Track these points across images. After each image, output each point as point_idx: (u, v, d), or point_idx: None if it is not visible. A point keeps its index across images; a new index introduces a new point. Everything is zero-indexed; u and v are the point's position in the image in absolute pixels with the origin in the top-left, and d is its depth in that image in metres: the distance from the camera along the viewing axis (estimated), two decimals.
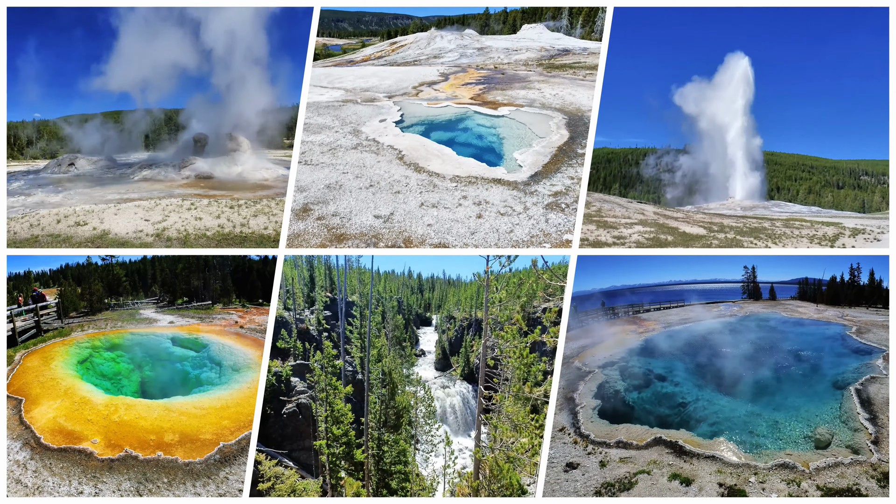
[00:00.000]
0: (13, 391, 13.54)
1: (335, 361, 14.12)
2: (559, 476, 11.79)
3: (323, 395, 13.87)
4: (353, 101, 25.91)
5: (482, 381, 14.17)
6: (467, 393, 33.79)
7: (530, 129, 21.13)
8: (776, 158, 45.54)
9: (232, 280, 28.25)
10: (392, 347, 24.34)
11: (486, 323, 13.97)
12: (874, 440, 11.61)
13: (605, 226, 17.15)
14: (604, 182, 43.46)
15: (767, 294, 32.40)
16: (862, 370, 15.46)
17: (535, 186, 15.65)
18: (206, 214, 16.84)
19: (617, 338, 23.33)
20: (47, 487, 10.06)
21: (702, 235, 17.09)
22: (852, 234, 17.04)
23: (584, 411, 14.77)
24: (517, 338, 13.18)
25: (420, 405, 18.88)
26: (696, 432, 12.86)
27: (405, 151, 18.40)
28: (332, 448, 13.75)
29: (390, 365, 15.74)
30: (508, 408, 13.16)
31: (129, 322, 21.95)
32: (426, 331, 51.66)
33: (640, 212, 19.55)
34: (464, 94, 27.67)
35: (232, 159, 25.55)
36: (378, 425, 15.49)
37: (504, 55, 47.79)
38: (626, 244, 16.02)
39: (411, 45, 56.66)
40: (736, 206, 30.75)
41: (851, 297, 27.15)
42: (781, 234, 17.28)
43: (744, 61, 34.34)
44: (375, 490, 15.02)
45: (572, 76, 33.34)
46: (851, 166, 43.56)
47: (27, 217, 16.66)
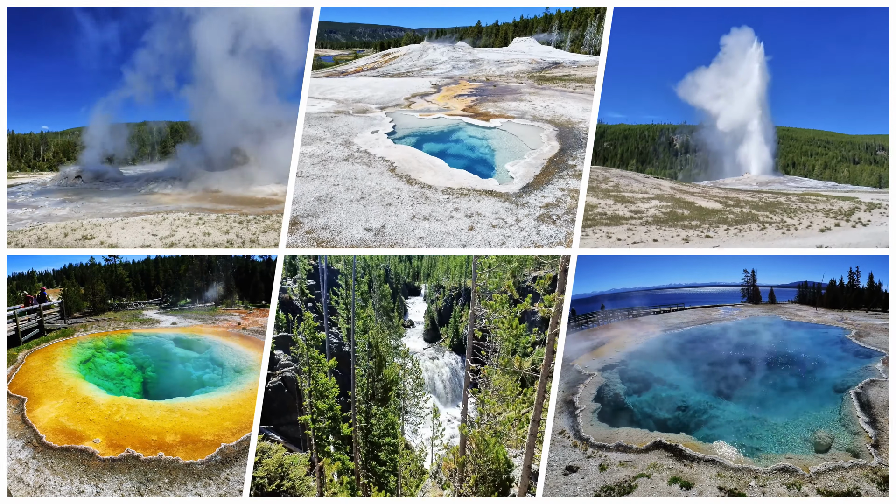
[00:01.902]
0: (16, 390, 13.47)
1: (317, 334, 13.62)
2: (559, 479, 11.67)
3: (306, 369, 13.41)
4: (345, 113, 25.70)
5: (469, 353, 13.94)
6: (456, 364, 33.66)
7: (522, 141, 20.98)
8: (791, 134, 44.69)
9: (235, 281, 28.17)
10: (379, 318, 23.36)
11: (475, 291, 13.73)
12: (874, 443, 11.54)
13: (622, 200, 17.14)
14: (621, 158, 43.02)
15: (767, 298, 32.25)
16: (862, 373, 15.38)
17: (527, 198, 15.53)
18: (214, 230, 16.71)
19: (617, 341, 23.19)
20: (49, 486, 9.98)
21: (717, 210, 17.12)
22: (868, 209, 16.87)
23: (583, 414, 14.67)
24: (506, 307, 13.01)
25: (408, 377, 18.52)
26: (695, 436, 12.75)
27: (397, 163, 18.21)
28: (318, 423, 13.37)
29: (377, 337, 15.15)
30: (496, 381, 13.04)
31: (132, 323, 21.87)
32: (415, 300, 50.81)
33: (657, 187, 19.57)
34: (456, 106, 27.58)
35: (240, 173, 25.20)
36: (365, 399, 15.07)
37: (496, 67, 47.79)
38: (643, 218, 16.00)
39: (404, 57, 56.63)
40: (752, 182, 30.41)
41: (851, 300, 26.99)
42: (797, 208, 17.25)
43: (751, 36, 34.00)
44: (364, 462, 14.83)
45: (562, 88, 33.36)
46: (868, 141, 42.00)
47: (34, 229, 16.64)
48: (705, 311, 31.09)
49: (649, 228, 17.13)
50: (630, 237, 16.49)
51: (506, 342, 13.07)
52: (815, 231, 17.32)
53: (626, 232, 16.84)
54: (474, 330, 13.76)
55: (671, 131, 43.43)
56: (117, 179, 26.34)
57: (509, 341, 12.87)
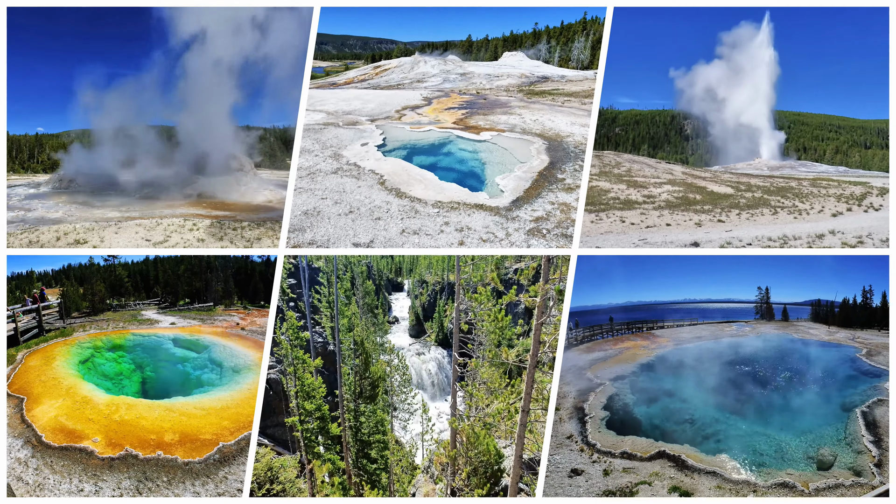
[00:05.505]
0: (15, 390, 13.24)
1: (301, 333, 13.19)
2: (563, 480, 11.74)
3: (291, 370, 13.02)
4: (334, 125, 24.93)
5: (456, 347, 13.76)
6: (443, 358, 33.32)
7: (512, 154, 20.58)
8: (802, 118, 43.92)
9: (234, 282, 27.94)
10: (363, 315, 22.59)
11: (459, 284, 13.51)
12: (877, 463, 11.31)
13: (635, 185, 16.97)
14: (633, 143, 42.74)
15: (780, 315, 31.71)
16: (869, 392, 15.05)
17: (517, 212, 15.15)
18: (208, 236, 16.41)
19: (630, 353, 22.93)
20: (48, 485, 9.80)
21: (729, 195, 16.93)
22: (880, 193, 16.65)
23: (592, 421, 14.65)
24: (491, 300, 12.90)
25: (395, 374, 18.21)
26: (700, 448, 12.64)
27: (387, 176, 17.68)
28: (307, 424, 13.04)
29: (362, 334, 14.77)
30: (484, 374, 12.96)
31: (131, 323, 21.59)
32: (398, 296, 50.14)
33: (669, 172, 19.45)
34: (446, 119, 27.11)
35: (235, 179, 24.72)
36: (353, 397, 14.76)
37: (486, 81, 47.49)
38: (655, 203, 15.79)
39: (395, 69, 56.10)
40: (763, 166, 29.83)
41: (863, 319, 26.34)
42: (808, 193, 17.07)
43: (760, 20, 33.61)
44: (355, 461, 14.63)
45: (551, 102, 33.18)
46: (880, 126, 40.49)
47: (26, 233, 16.26)
48: (718, 326, 30.45)
49: (662, 213, 16.83)
50: (643, 221, 16.14)
51: (491, 334, 12.99)
52: (827, 215, 16.87)
53: (639, 216, 16.51)
54: (460, 323, 13.66)
55: (682, 117, 42.81)
56: (112, 183, 25.75)
57: (495, 333, 12.79)
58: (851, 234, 15.08)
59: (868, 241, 14.36)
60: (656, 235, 15.46)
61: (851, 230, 15.27)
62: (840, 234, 15.07)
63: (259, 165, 27.65)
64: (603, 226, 15.85)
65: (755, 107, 35.03)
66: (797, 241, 14.58)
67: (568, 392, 17.06)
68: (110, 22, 26.35)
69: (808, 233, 15.12)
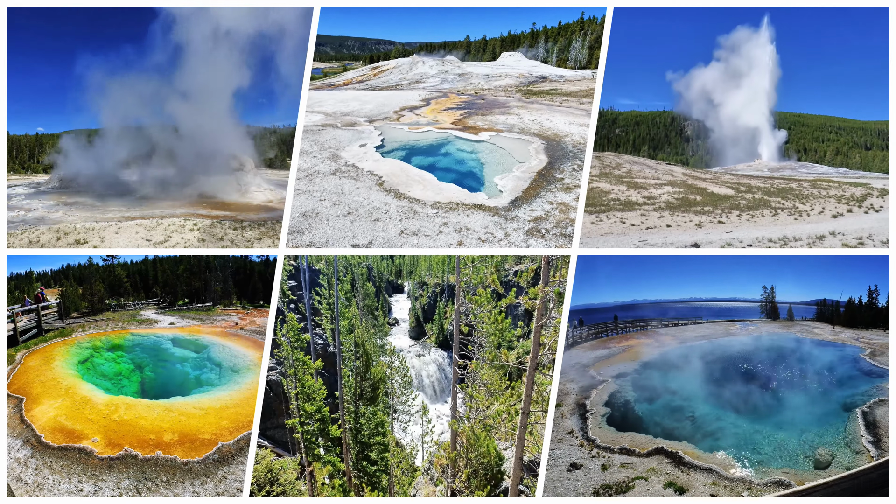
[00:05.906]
0: (14, 390, 13.16)
1: (302, 335, 13.14)
2: (562, 475, 11.81)
3: (292, 372, 12.97)
4: (332, 126, 24.72)
5: (456, 349, 13.69)
6: (443, 360, 33.22)
7: (510, 155, 20.48)
8: (802, 120, 43.80)
9: (233, 282, 27.84)
10: (364, 317, 22.60)
11: (459, 286, 13.41)
12: None
13: (635, 186, 16.94)
14: (633, 144, 42.64)
15: (785, 314, 31.50)
16: (871, 392, 14.96)
17: (516, 212, 15.05)
18: (208, 236, 16.34)
19: (633, 350, 22.85)
20: (47, 485, 9.73)
21: (730, 196, 16.87)
22: (881, 195, 16.57)
23: (593, 417, 14.69)
24: (491, 302, 12.80)
25: (395, 375, 18.14)
26: (699, 445, 12.63)
27: (385, 177, 17.52)
28: (307, 425, 12.97)
29: (363, 336, 14.69)
30: (484, 375, 12.91)
31: (130, 323, 21.51)
32: (399, 298, 50.12)
33: (669, 173, 19.40)
34: (445, 119, 26.96)
35: (236, 179, 24.63)
36: (354, 399, 14.71)
37: (484, 81, 47.37)
38: (655, 204, 15.73)
39: (393, 70, 55.83)
40: (763, 168, 29.71)
41: (868, 319, 26.00)
42: (809, 194, 16.99)
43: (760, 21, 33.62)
44: (356, 462, 14.59)
45: (549, 102, 33.08)
46: (880, 127, 40.19)
47: (27, 233, 16.19)
48: (722, 325, 30.34)
49: (662, 214, 16.78)
50: (644, 222, 16.09)
51: (491, 336, 12.94)
52: (828, 217, 16.82)
53: (639, 217, 16.45)
54: (460, 325, 13.59)
55: (682, 118, 42.78)
56: (112, 183, 25.67)
57: (495, 335, 12.74)
58: (852, 235, 15.02)
59: (868, 243, 14.27)
60: (657, 236, 15.40)
61: (852, 231, 15.23)
62: (840, 235, 15.02)
63: (259, 165, 27.58)
64: (603, 227, 15.80)
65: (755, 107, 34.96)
66: (798, 242, 14.46)
67: (570, 389, 17.08)
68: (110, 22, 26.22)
69: (809, 234, 15.07)
